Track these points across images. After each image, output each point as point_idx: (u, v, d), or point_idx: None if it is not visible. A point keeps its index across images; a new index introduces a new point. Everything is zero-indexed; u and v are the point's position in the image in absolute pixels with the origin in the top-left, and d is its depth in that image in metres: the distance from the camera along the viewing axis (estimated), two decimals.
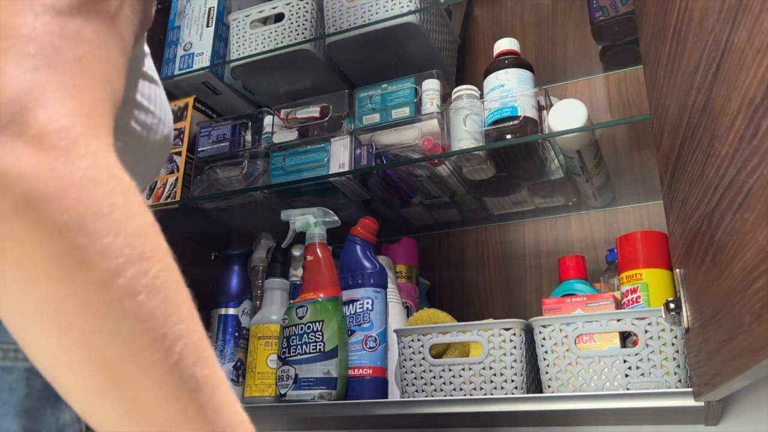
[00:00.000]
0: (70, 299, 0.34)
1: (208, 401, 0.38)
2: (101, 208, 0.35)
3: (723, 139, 0.51)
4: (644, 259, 0.94)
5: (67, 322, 0.35)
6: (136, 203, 0.38)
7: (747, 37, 0.43)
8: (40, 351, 0.36)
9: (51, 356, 0.36)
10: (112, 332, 0.35)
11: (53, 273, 0.34)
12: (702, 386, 0.70)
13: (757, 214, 0.43)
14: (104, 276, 0.35)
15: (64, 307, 0.34)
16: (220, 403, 0.39)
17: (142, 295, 0.36)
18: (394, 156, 1.15)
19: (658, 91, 0.78)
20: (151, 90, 0.61)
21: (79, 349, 0.35)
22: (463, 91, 1.13)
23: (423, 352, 0.99)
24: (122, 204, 0.37)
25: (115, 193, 0.37)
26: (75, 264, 0.34)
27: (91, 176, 0.36)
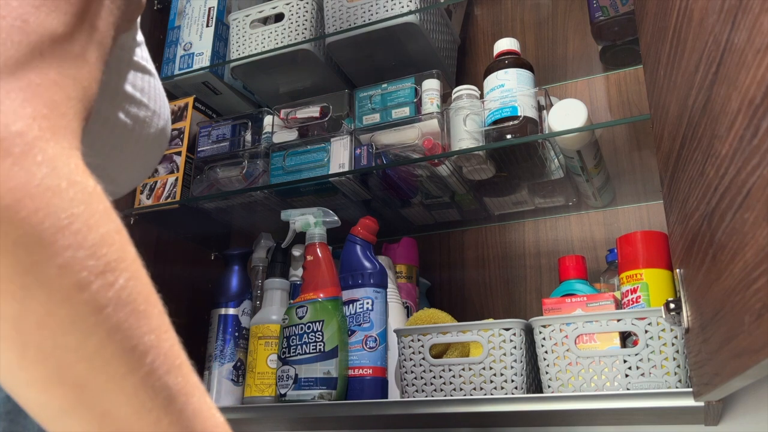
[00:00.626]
0: (30, 317, 0.32)
1: (182, 409, 0.37)
2: (59, 220, 0.33)
3: (723, 139, 0.51)
4: (644, 259, 0.94)
5: (28, 339, 0.33)
6: (100, 210, 0.36)
7: (747, 37, 0.43)
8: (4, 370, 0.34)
9: (12, 374, 0.34)
10: (77, 348, 0.33)
11: (11, 290, 0.32)
12: (702, 386, 0.70)
13: (757, 214, 0.43)
14: (66, 292, 0.33)
15: (24, 325, 0.32)
16: (194, 411, 0.37)
17: (109, 308, 0.34)
18: (394, 156, 1.15)
19: (658, 91, 0.78)
20: (144, 81, 0.58)
21: (42, 366, 0.33)
22: (463, 91, 1.13)
23: (423, 352, 0.99)
24: (83, 213, 0.34)
25: (75, 201, 0.34)
26: (33, 281, 0.32)
27: (49, 185, 0.33)
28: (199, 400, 0.38)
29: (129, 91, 0.55)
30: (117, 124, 0.55)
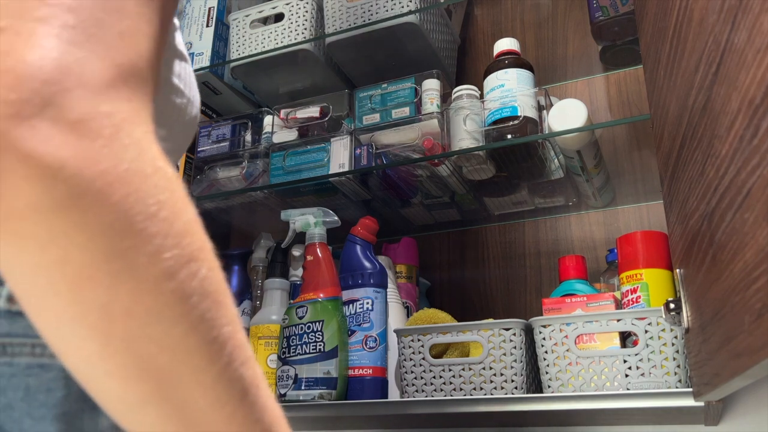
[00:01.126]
0: (117, 305, 0.32)
1: (253, 402, 0.37)
2: (148, 206, 0.32)
3: (723, 139, 0.51)
4: (644, 259, 0.94)
5: (113, 329, 0.32)
6: (182, 198, 0.35)
7: (747, 37, 0.43)
8: (79, 359, 0.33)
9: (92, 364, 0.33)
10: (161, 338, 0.33)
11: (99, 277, 0.31)
12: (702, 386, 0.70)
13: (757, 214, 0.43)
14: (154, 280, 0.32)
15: (111, 313, 0.32)
16: (263, 404, 0.38)
17: (194, 298, 0.34)
18: (394, 156, 1.15)
19: (658, 91, 0.78)
20: (181, 67, 0.56)
21: (125, 356, 0.32)
22: (463, 90, 1.13)
23: (423, 352, 0.99)
24: (169, 200, 0.34)
25: (161, 187, 0.33)
26: (123, 268, 0.31)
27: (137, 169, 0.32)
28: (265, 393, 0.38)
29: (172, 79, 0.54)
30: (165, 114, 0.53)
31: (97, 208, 0.31)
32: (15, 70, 0.30)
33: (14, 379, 0.41)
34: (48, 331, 0.33)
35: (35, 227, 0.30)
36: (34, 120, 0.30)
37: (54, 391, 0.42)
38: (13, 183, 0.30)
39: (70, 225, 0.30)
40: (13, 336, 0.41)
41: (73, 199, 0.30)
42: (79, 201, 0.30)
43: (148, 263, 0.32)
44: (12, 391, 0.41)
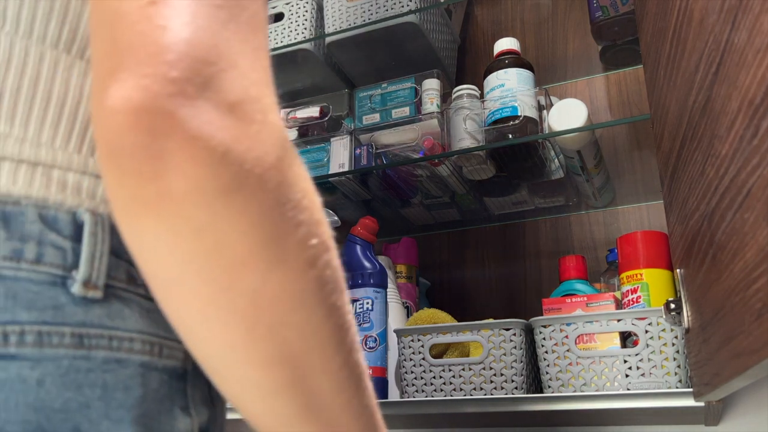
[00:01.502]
0: (267, 292, 0.32)
1: (365, 387, 0.38)
2: (296, 194, 0.32)
3: (723, 139, 0.50)
4: (644, 259, 0.93)
5: (261, 316, 0.32)
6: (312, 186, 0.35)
7: (747, 37, 0.43)
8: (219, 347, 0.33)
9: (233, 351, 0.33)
10: (301, 326, 0.33)
11: (253, 264, 0.31)
12: (702, 386, 0.70)
13: (758, 214, 0.43)
14: (301, 268, 0.32)
15: (260, 300, 0.32)
16: (370, 389, 0.38)
17: (329, 286, 0.34)
18: (394, 156, 1.14)
19: (658, 90, 0.78)
20: None
21: (268, 343, 0.33)
22: (463, 90, 1.13)
23: (423, 352, 0.99)
24: (308, 189, 0.34)
25: (302, 175, 0.34)
26: (275, 255, 0.31)
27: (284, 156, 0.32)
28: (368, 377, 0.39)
29: None
30: None
31: (259, 194, 0.30)
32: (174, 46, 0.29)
33: (91, 375, 0.36)
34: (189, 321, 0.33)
35: (195, 211, 0.30)
36: (198, 101, 0.29)
37: (131, 389, 0.38)
38: (177, 164, 0.29)
39: (232, 210, 0.30)
40: (89, 326, 0.37)
41: (238, 183, 0.30)
42: (243, 186, 0.30)
43: (297, 250, 0.32)
44: (89, 388, 0.36)
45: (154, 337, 0.39)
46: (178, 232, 0.30)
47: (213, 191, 0.29)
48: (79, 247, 0.37)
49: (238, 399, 0.35)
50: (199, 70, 0.30)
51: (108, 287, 0.38)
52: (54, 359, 0.35)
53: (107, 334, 0.37)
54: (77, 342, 0.36)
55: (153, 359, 0.39)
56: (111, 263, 0.38)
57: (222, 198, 0.30)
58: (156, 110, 0.29)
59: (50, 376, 0.35)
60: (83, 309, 0.37)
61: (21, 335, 0.34)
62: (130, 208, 0.31)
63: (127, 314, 0.38)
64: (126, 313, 0.38)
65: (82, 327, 0.36)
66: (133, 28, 0.30)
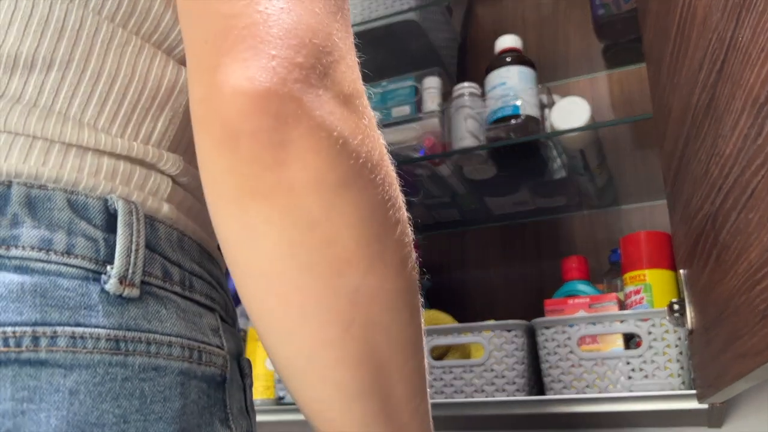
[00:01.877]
0: (366, 290, 0.31)
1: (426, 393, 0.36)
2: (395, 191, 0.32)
3: (727, 139, 0.50)
4: (647, 260, 0.93)
5: (357, 314, 0.31)
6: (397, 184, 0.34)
7: (751, 36, 0.43)
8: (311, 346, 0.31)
9: (325, 350, 0.31)
10: (390, 326, 0.32)
11: (357, 261, 0.30)
12: (706, 388, 0.69)
13: (762, 214, 0.43)
14: (397, 267, 0.32)
15: (359, 298, 0.31)
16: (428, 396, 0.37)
17: (414, 286, 0.33)
18: (394, 155, 1.14)
19: (662, 89, 0.77)
20: None
21: (360, 342, 0.31)
22: (464, 89, 1.13)
23: None
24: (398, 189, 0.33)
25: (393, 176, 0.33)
26: (377, 253, 0.31)
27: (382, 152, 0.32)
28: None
29: None
30: None
31: (370, 188, 0.30)
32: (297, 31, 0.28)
33: (127, 384, 0.32)
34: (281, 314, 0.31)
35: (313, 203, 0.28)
36: (320, 90, 0.28)
37: (171, 401, 0.34)
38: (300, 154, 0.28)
39: (346, 203, 0.29)
40: (125, 329, 0.33)
41: (353, 176, 0.29)
42: (358, 179, 0.29)
43: (395, 249, 0.32)
44: (125, 399, 0.32)
45: (193, 342, 0.36)
46: (291, 224, 0.29)
47: (332, 183, 0.28)
48: (113, 238, 0.34)
49: (316, 403, 0.34)
50: (320, 58, 0.29)
51: (144, 284, 0.35)
52: (88, 366, 0.31)
53: (145, 337, 0.34)
54: (113, 347, 0.32)
55: (192, 366, 0.35)
56: (146, 257, 0.35)
57: (339, 190, 0.29)
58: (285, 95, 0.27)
59: (84, 385, 0.31)
60: (119, 309, 0.33)
61: (53, 338, 0.31)
62: (238, 195, 0.29)
63: (164, 315, 0.35)
64: (163, 315, 0.35)
65: (118, 330, 0.33)
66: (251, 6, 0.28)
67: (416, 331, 0.34)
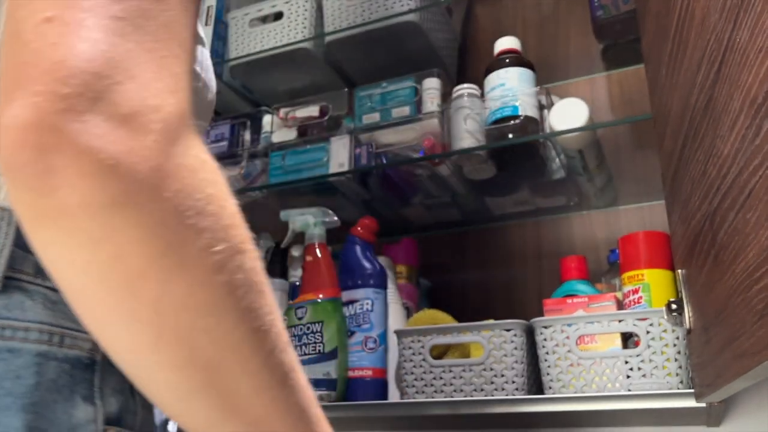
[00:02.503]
0: (170, 299, 0.32)
1: (293, 385, 0.38)
2: (198, 201, 0.32)
3: (725, 139, 0.50)
4: (646, 260, 0.93)
5: (166, 322, 0.32)
6: (226, 190, 0.35)
7: (749, 37, 0.43)
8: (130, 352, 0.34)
9: (143, 357, 0.33)
10: (212, 330, 0.33)
11: (152, 273, 0.31)
12: (704, 387, 0.69)
13: (759, 214, 0.43)
14: (206, 274, 0.33)
15: (163, 307, 0.32)
16: (301, 386, 0.39)
17: (241, 290, 0.34)
18: (394, 156, 1.14)
19: (660, 90, 0.77)
20: (198, 51, 0.55)
21: (177, 348, 0.33)
22: (463, 90, 1.13)
23: (423, 353, 0.98)
24: (216, 194, 0.34)
25: (208, 181, 0.34)
26: (175, 263, 0.32)
27: (186, 164, 0.32)
28: (301, 375, 0.39)
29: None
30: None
31: (151, 204, 0.31)
32: (66, 62, 0.30)
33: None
34: (97, 326, 0.34)
35: (90, 224, 0.30)
36: (88, 115, 0.30)
37: (23, 378, 0.39)
38: (68, 179, 0.29)
39: (125, 221, 0.30)
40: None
41: (129, 195, 0.30)
42: (135, 197, 0.30)
43: (200, 257, 0.32)
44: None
45: (56, 328, 0.41)
46: (76, 244, 0.31)
47: (104, 204, 0.30)
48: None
49: (157, 400, 0.36)
50: (91, 85, 0.30)
51: (11, 279, 0.40)
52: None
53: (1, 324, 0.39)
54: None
55: (52, 349, 0.40)
56: (16, 256, 0.40)
57: (114, 210, 0.30)
58: (43, 127, 0.29)
59: None
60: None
61: None
62: (30, 220, 0.31)
63: (28, 306, 0.40)
64: (27, 305, 0.40)
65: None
66: (28, 46, 0.30)
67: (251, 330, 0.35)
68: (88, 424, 0.41)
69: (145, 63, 0.32)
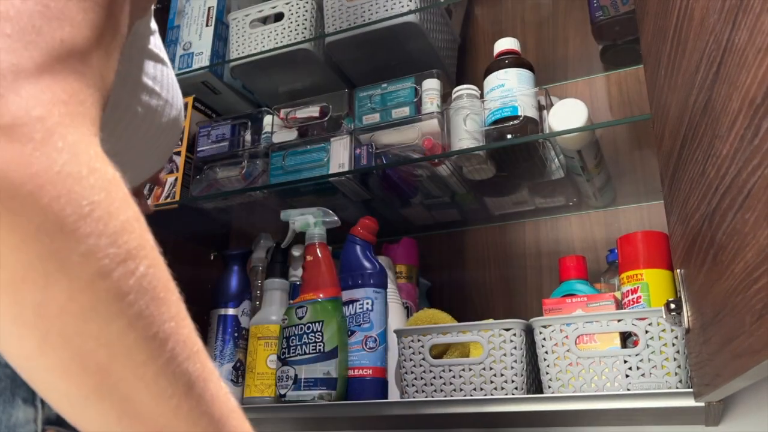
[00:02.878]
0: (52, 303, 0.32)
1: (201, 395, 0.37)
2: (81, 207, 0.33)
3: (724, 139, 0.50)
4: (645, 260, 0.93)
5: (50, 326, 0.32)
6: (119, 197, 0.35)
7: (748, 37, 0.43)
8: (19, 356, 0.34)
9: (32, 360, 0.34)
10: (99, 335, 0.33)
11: (33, 278, 0.32)
12: (703, 387, 0.70)
13: (758, 215, 0.43)
14: (88, 279, 0.33)
15: (45, 311, 0.32)
16: (212, 396, 0.38)
17: (131, 296, 0.34)
18: (394, 156, 1.14)
19: (659, 90, 0.78)
20: (157, 70, 0.57)
21: (63, 352, 0.33)
22: (463, 90, 1.13)
23: (423, 353, 0.98)
24: (104, 200, 0.34)
25: (96, 188, 0.34)
26: (56, 268, 0.32)
27: (70, 171, 0.33)
28: (215, 386, 0.38)
29: (142, 79, 0.55)
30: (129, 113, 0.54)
31: (28, 210, 0.31)
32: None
33: None
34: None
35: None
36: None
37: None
38: None
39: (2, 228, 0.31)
40: None
41: (4, 202, 0.31)
42: (10, 204, 0.31)
43: (82, 263, 0.33)
44: None
45: None
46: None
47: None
48: None
49: (57, 407, 0.36)
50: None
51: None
52: None
53: None
54: None
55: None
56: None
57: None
58: None
59: None
60: None
61: None
62: None
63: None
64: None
65: None
66: None
67: (143, 337, 0.35)
68: (28, 424, 0.42)
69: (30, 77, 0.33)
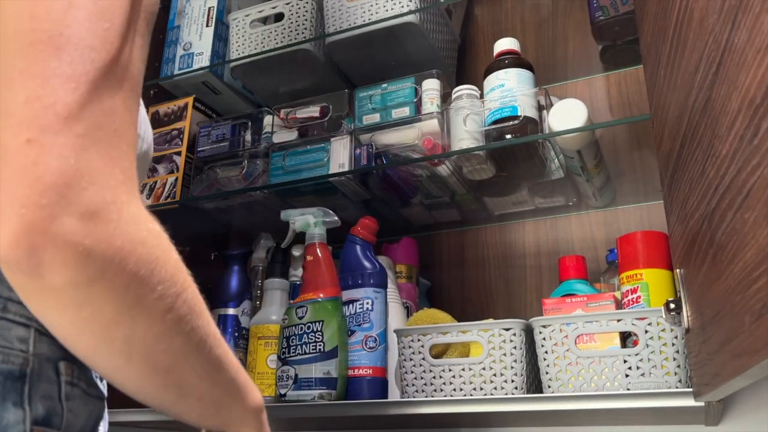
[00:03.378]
0: (136, 335, 0.45)
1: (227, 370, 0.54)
2: (150, 263, 0.43)
3: (723, 139, 0.50)
4: (644, 259, 0.93)
5: (134, 349, 0.45)
6: (167, 245, 0.46)
7: (747, 37, 0.43)
8: (112, 368, 0.47)
9: (120, 370, 0.47)
10: (167, 349, 0.47)
11: (122, 320, 0.43)
12: (702, 386, 0.70)
13: (758, 215, 0.43)
14: (160, 314, 0.45)
15: (132, 340, 0.45)
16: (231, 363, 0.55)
17: (186, 318, 0.47)
18: (394, 156, 1.14)
19: (659, 90, 0.78)
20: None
21: (143, 363, 0.47)
22: (463, 90, 1.13)
23: (423, 353, 0.99)
24: (163, 254, 0.45)
25: (155, 246, 0.45)
26: (139, 311, 0.44)
27: (140, 239, 0.43)
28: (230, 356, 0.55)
29: None
30: None
31: (119, 276, 0.42)
32: (44, 179, 0.39)
33: None
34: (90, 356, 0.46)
35: (74, 295, 0.41)
36: (63, 218, 0.39)
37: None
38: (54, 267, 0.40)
39: (99, 290, 0.42)
40: None
41: (101, 272, 0.41)
42: (105, 273, 0.41)
43: (155, 304, 0.45)
44: None
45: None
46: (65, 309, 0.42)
47: (83, 281, 0.41)
48: None
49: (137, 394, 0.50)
50: (63, 194, 0.39)
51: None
52: None
53: None
54: None
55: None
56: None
57: (91, 284, 0.41)
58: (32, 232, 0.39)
59: None
60: None
61: None
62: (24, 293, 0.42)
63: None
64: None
65: None
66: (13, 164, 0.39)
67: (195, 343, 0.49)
68: (17, 425, 0.48)
69: (102, 167, 0.42)
